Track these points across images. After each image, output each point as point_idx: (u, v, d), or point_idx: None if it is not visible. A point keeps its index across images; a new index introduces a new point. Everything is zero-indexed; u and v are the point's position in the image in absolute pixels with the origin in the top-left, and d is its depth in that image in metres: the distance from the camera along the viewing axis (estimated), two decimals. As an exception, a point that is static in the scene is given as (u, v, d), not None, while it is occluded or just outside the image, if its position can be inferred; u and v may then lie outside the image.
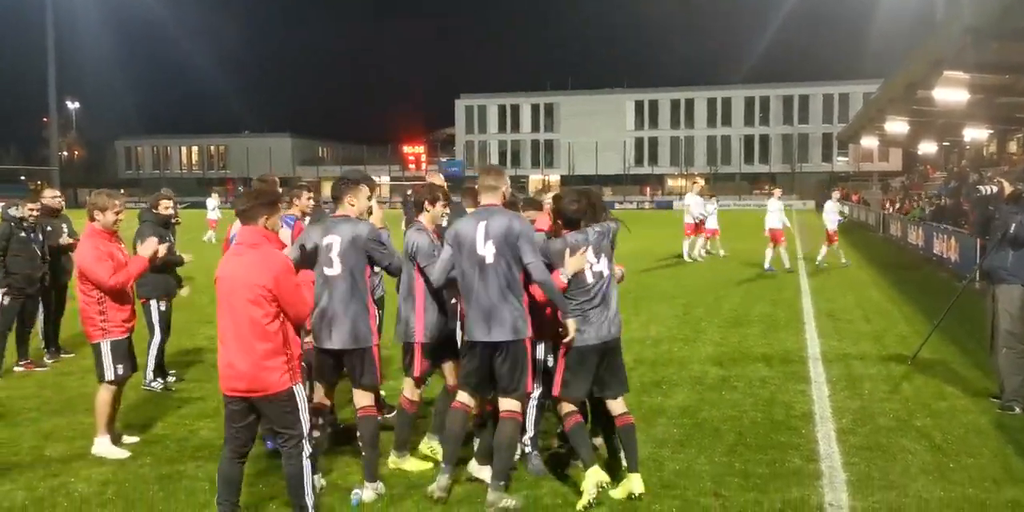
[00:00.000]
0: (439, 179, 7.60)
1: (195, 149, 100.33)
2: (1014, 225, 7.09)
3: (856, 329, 11.00)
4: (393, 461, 5.56)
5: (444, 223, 5.73)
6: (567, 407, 5.11)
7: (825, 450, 5.97)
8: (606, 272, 5.10)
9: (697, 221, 20.45)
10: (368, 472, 5.09)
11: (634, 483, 4.96)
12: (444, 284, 5.25)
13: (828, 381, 8.04)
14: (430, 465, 5.51)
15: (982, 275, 7.48)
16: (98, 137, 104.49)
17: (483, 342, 4.92)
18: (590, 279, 5.05)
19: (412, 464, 5.55)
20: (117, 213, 6.11)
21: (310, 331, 5.19)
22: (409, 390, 5.60)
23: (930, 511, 4.86)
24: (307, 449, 4.49)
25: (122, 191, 9.78)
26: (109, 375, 5.97)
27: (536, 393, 5.37)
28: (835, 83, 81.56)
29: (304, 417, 4.50)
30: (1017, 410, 6.95)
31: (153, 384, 7.73)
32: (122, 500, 5.05)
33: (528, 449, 5.48)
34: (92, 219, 6.10)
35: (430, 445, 5.75)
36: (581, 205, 5.09)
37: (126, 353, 6.05)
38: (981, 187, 7.54)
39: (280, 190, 6.63)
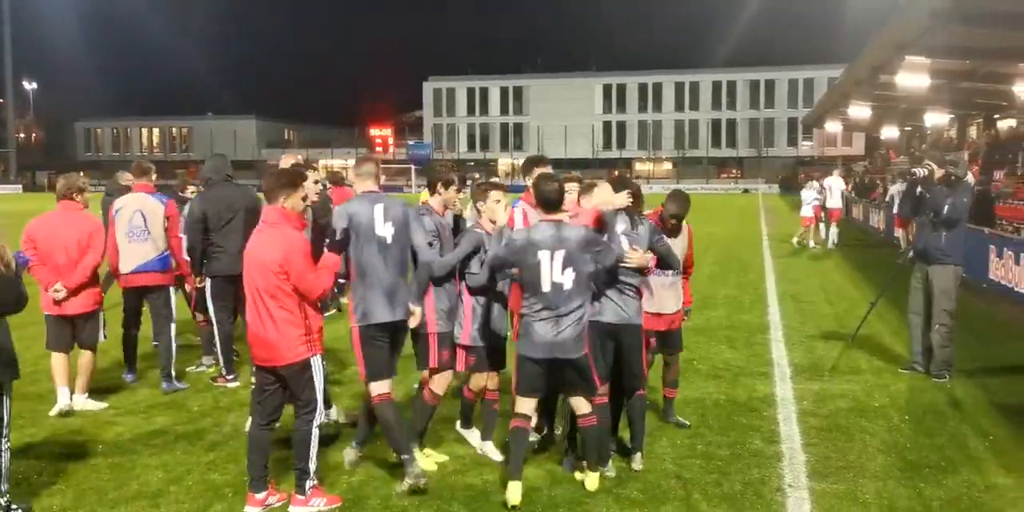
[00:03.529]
0: (289, 162, 6.75)
1: (156, 131, 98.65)
2: (947, 207, 7.28)
3: (819, 311, 11.10)
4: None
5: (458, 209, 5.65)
6: (580, 408, 4.92)
7: (786, 432, 6.00)
8: (567, 286, 4.69)
9: (846, 201, 19.94)
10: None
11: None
12: (448, 272, 5.19)
13: (791, 363, 8.10)
14: (434, 467, 5.23)
15: (916, 255, 7.69)
16: (57, 118, 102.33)
17: (391, 322, 4.97)
18: (545, 288, 4.69)
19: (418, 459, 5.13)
20: None
21: None
22: (436, 382, 5.29)
23: (887, 491, 4.91)
24: (318, 419, 4.69)
25: (81, 173, 9.54)
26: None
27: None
28: (801, 68, 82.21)
29: (319, 388, 4.67)
30: (947, 377, 7.35)
31: None
32: (72, 489, 4.92)
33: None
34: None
35: (425, 451, 5.40)
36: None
37: None
38: (916, 170, 7.66)
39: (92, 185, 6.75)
